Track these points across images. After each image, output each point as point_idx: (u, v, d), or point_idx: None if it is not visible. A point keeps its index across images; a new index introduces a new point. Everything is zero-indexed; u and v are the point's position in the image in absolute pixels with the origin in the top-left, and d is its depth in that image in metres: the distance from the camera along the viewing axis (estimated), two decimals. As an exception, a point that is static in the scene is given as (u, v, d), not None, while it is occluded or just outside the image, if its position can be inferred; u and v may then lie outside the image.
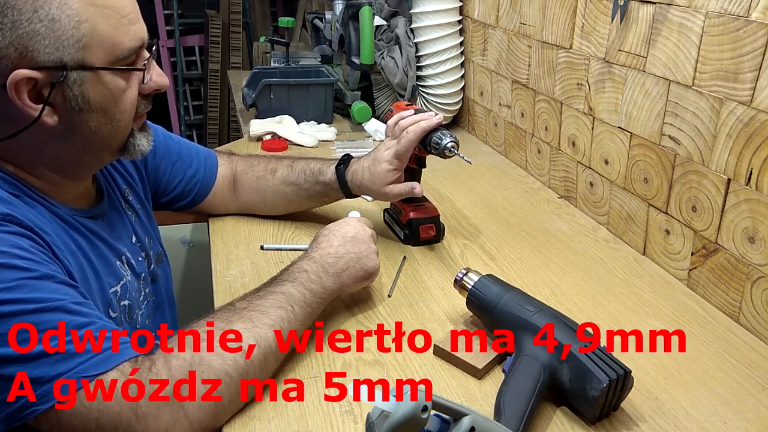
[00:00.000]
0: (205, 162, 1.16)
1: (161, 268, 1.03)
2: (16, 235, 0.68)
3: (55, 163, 0.79)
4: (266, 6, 3.95)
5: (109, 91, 0.75)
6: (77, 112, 0.74)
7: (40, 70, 0.70)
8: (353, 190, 1.11)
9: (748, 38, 0.87)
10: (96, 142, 0.79)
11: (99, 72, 0.74)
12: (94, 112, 0.76)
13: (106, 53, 0.73)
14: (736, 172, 0.91)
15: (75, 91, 0.73)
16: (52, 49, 0.70)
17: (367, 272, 0.91)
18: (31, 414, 0.64)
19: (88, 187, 0.89)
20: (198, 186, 1.15)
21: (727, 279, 0.96)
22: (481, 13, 1.61)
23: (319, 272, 0.86)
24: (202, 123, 3.94)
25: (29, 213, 0.73)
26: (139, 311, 0.91)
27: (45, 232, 0.72)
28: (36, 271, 0.66)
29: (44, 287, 0.66)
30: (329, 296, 0.87)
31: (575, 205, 1.33)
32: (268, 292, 0.81)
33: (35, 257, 0.68)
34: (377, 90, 1.82)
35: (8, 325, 0.63)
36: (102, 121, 0.77)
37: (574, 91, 1.27)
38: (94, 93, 0.74)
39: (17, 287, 0.64)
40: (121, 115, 0.78)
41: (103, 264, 0.83)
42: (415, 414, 0.53)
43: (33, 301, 0.64)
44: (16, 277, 0.64)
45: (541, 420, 0.75)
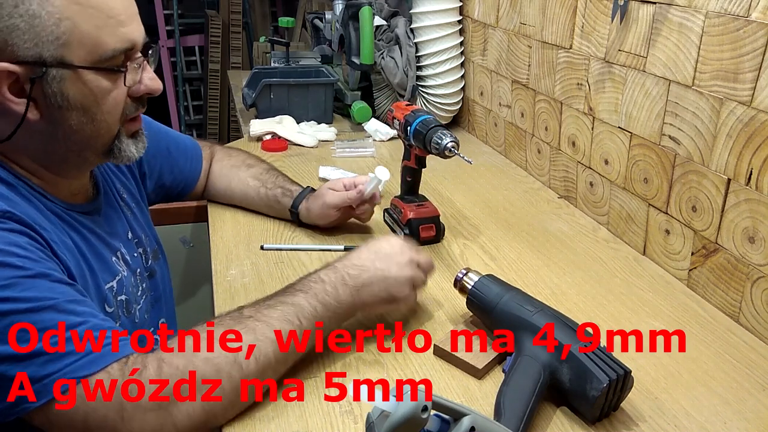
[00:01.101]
0: (191, 158, 1.20)
1: (158, 265, 1.03)
2: (13, 233, 0.68)
3: (42, 160, 0.79)
4: (266, 6, 3.95)
5: (90, 91, 0.75)
6: (57, 109, 0.75)
7: (20, 64, 0.71)
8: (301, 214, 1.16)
9: (748, 38, 0.87)
10: (78, 141, 0.78)
11: (80, 71, 0.73)
12: (75, 110, 0.75)
13: (87, 52, 0.73)
14: (736, 172, 0.91)
15: (54, 88, 0.73)
16: (31, 44, 0.70)
17: (390, 294, 0.84)
18: (25, 410, 0.64)
19: (84, 184, 0.89)
20: (184, 182, 1.19)
21: (727, 279, 0.96)
22: (481, 13, 1.61)
23: (336, 284, 0.81)
24: (202, 123, 3.94)
25: (27, 208, 0.73)
26: (137, 306, 0.91)
27: (43, 228, 0.73)
28: (31, 269, 0.66)
29: (38, 286, 0.66)
30: (345, 311, 0.82)
31: (575, 205, 1.33)
32: (278, 302, 0.78)
33: (32, 255, 0.68)
34: (377, 90, 1.82)
35: (1, 323, 0.63)
36: (83, 120, 0.76)
37: (574, 91, 1.27)
38: (74, 91, 0.74)
39: (11, 285, 0.64)
40: (104, 116, 0.78)
41: (97, 260, 0.83)
42: (415, 414, 0.53)
43: (26, 300, 0.64)
44: (10, 275, 0.65)
45: (541, 420, 0.75)
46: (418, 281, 0.87)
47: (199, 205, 1.44)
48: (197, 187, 1.22)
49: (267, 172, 1.23)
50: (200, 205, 1.40)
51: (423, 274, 0.88)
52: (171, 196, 1.19)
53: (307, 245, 1.13)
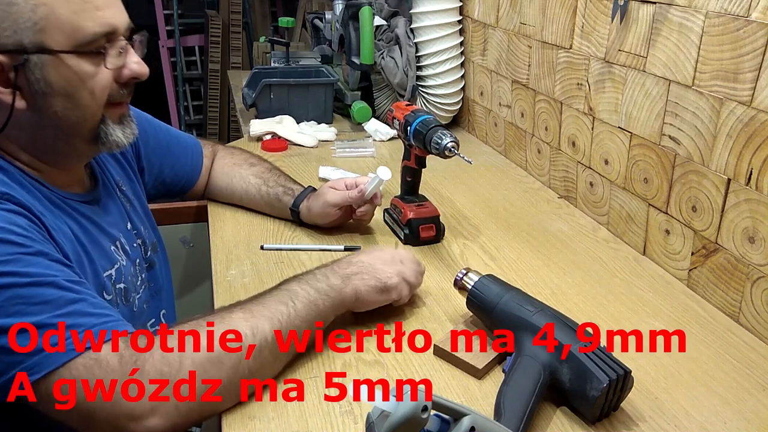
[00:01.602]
0: (192, 156, 1.20)
1: (157, 257, 1.04)
2: (13, 213, 0.69)
3: (32, 150, 0.80)
4: (266, 6, 3.96)
5: (73, 75, 0.75)
6: (41, 95, 0.75)
7: (3, 53, 0.71)
8: (302, 213, 1.16)
9: (748, 38, 0.87)
10: (64, 128, 0.78)
11: (60, 55, 0.74)
12: (58, 96, 0.75)
13: (66, 37, 0.73)
14: (736, 172, 0.91)
15: (37, 75, 0.73)
16: (10, 32, 0.71)
17: (381, 282, 0.87)
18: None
19: (80, 175, 0.89)
20: (185, 179, 1.19)
21: (727, 279, 0.96)
22: (481, 13, 1.61)
23: (326, 272, 0.85)
24: (202, 123, 3.94)
25: (25, 195, 0.74)
26: (136, 295, 0.91)
27: (41, 213, 0.74)
28: (31, 247, 0.68)
29: (38, 263, 0.67)
30: (338, 296, 0.83)
31: (575, 205, 1.33)
32: (271, 289, 0.82)
33: (31, 235, 0.69)
34: (377, 90, 1.82)
35: (1, 296, 0.64)
36: (67, 106, 0.77)
37: (574, 91, 1.27)
38: (56, 77, 0.74)
39: (12, 261, 0.65)
40: (88, 101, 0.77)
41: (95, 248, 0.84)
42: (415, 414, 0.53)
43: (27, 275, 0.66)
44: (11, 251, 0.66)
45: (541, 420, 0.75)
46: (408, 275, 0.90)
47: (199, 205, 1.44)
48: (198, 184, 1.22)
49: (269, 171, 1.23)
50: (200, 205, 1.40)
51: (412, 273, 0.91)
52: (172, 193, 1.19)
53: (307, 245, 1.13)
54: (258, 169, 1.23)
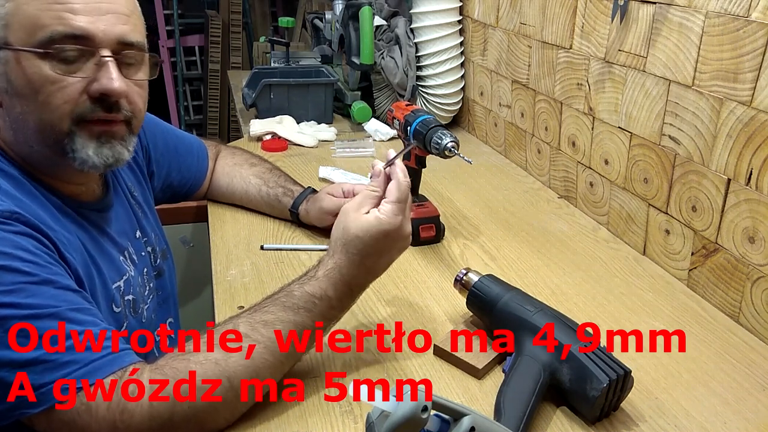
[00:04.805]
0: (198, 158, 1.20)
1: (166, 264, 1.03)
2: (21, 235, 0.67)
3: (22, 153, 0.77)
4: (266, 6, 3.96)
5: (32, 76, 0.72)
6: (6, 94, 0.74)
7: None
8: (300, 214, 1.16)
9: (748, 38, 0.87)
10: (28, 132, 0.75)
11: (19, 53, 0.71)
12: (18, 96, 0.73)
13: (26, 34, 0.71)
14: (736, 172, 0.91)
15: (2, 70, 0.72)
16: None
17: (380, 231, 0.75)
18: (24, 414, 0.64)
19: (88, 182, 0.87)
20: (192, 181, 1.19)
21: (727, 279, 0.96)
22: (481, 13, 1.61)
23: (320, 260, 0.78)
24: (202, 123, 3.94)
25: (33, 207, 0.73)
26: (144, 305, 0.90)
27: (50, 228, 0.72)
28: (37, 275, 0.66)
29: (43, 293, 0.65)
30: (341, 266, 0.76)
31: (575, 205, 1.33)
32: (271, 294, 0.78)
33: (38, 260, 0.67)
34: (377, 90, 1.82)
35: (1, 328, 0.62)
36: (26, 110, 0.73)
37: (574, 91, 1.27)
38: (15, 75, 0.72)
39: (15, 291, 0.64)
40: (48, 108, 0.73)
41: (105, 259, 0.83)
42: (415, 414, 0.53)
43: (28, 306, 0.64)
44: (15, 280, 0.64)
45: (541, 420, 0.75)
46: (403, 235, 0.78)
47: (199, 205, 1.44)
48: (203, 186, 1.22)
49: (269, 172, 1.23)
50: (200, 205, 1.40)
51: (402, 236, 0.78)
52: (178, 196, 1.19)
53: (307, 245, 1.13)
54: (258, 169, 1.23)
